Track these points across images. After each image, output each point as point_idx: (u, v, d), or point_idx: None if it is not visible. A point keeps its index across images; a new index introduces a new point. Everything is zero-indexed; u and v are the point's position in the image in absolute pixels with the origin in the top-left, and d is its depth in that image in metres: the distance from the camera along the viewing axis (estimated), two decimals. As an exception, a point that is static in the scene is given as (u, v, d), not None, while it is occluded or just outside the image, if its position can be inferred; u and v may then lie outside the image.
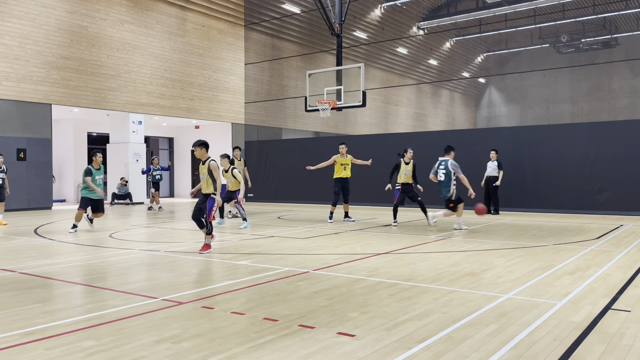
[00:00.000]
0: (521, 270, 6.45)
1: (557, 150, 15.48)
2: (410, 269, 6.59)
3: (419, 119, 38.83)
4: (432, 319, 4.33)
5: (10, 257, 7.69)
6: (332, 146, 19.68)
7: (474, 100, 46.40)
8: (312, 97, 17.45)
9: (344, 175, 12.78)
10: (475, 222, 12.80)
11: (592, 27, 35.18)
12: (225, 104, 24.24)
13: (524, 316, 4.39)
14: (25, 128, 17.46)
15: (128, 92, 20.27)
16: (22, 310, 4.69)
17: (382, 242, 9.13)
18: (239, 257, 7.58)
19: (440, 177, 11.07)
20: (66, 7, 18.30)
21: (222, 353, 3.56)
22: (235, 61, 24.61)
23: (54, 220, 13.94)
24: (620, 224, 11.98)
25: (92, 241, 9.49)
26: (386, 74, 34.64)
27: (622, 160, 14.54)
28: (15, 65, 16.98)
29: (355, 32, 29.44)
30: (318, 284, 5.73)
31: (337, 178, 12.80)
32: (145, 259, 7.49)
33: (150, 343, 3.78)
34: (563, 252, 7.84)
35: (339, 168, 12.80)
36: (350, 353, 3.54)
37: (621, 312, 4.54)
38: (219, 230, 11.01)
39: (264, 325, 4.18)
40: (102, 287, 5.64)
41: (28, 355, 3.54)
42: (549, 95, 40.80)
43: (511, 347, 3.64)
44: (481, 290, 5.35)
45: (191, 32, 22.55)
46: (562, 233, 10.31)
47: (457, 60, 39.40)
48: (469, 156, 16.48)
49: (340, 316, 4.42)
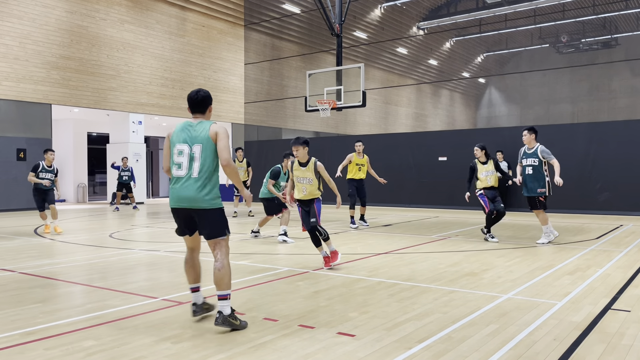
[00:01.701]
0: (521, 270, 6.44)
1: (557, 150, 15.37)
2: (410, 269, 6.59)
3: (419, 119, 38.83)
4: (432, 319, 4.33)
5: (10, 257, 7.68)
6: (332, 146, 19.73)
7: (474, 100, 46.40)
8: (312, 97, 17.45)
9: (357, 176, 11.59)
10: (475, 222, 12.80)
11: (592, 27, 35.19)
12: (225, 104, 24.24)
13: (524, 316, 4.39)
14: (25, 128, 17.46)
15: (128, 92, 20.27)
16: (22, 310, 4.69)
17: (382, 242, 9.13)
18: (239, 257, 7.58)
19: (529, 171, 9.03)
20: (66, 7, 18.30)
21: (222, 353, 3.56)
22: (235, 61, 24.62)
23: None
24: (620, 224, 11.97)
25: (92, 241, 9.49)
26: (386, 74, 34.65)
27: (622, 160, 14.54)
28: (15, 65, 16.98)
29: (355, 32, 29.44)
30: (318, 284, 5.73)
31: (351, 179, 11.62)
32: (145, 259, 7.49)
33: (150, 343, 3.78)
34: (563, 252, 7.83)
35: (353, 168, 11.62)
36: (350, 353, 3.54)
37: (621, 312, 4.54)
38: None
39: (264, 325, 4.18)
40: (102, 287, 5.63)
41: (28, 355, 3.54)
42: (549, 95, 40.78)
43: (511, 347, 3.64)
44: (481, 290, 5.35)
45: (191, 32, 22.55)
46: (562, 233, 10.30)
47: (457, 60, 39.40)
48: (469, 156, 16.49)
49: (340, 316, 4.42)
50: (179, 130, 4.16)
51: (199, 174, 4.05)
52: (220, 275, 4.05)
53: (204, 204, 4.05)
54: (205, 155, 4.07)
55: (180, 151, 4.10)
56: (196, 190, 4.03)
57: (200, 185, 4.04)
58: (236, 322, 4.03)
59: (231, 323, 3.99)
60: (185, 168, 4.08)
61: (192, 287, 4.36)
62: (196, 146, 4.07)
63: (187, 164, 4.08)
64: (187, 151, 4.09)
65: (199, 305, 4.30)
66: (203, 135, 4.07)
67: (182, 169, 4.08)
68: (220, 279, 4.05)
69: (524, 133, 9.12)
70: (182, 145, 4.10)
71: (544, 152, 8.83)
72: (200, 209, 4.07)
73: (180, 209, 4.14)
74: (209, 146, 4.07)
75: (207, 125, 4.12)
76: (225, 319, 3.98)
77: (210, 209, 4.08)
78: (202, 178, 4.05)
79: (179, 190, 4.09)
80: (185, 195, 4.06)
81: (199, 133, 4.09)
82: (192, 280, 4.35)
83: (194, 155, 4.07)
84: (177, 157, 4.11)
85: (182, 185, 4.08)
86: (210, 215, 4.09)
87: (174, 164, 4.13)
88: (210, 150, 4.08)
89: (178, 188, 4.09)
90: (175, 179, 4.13)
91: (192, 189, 4.04)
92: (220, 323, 3.98)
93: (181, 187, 4.07)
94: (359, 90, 16.41)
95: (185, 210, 4.11)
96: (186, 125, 4.17)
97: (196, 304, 4.29)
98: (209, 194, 4.06)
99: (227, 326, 4.00)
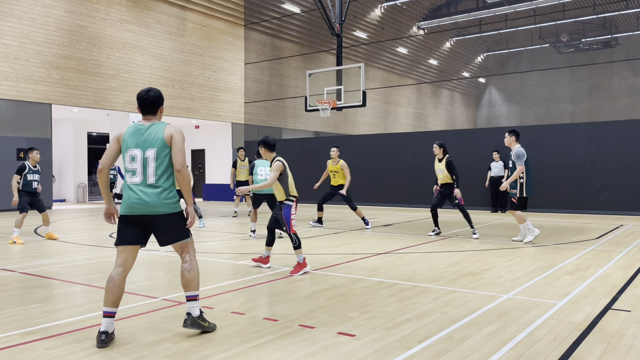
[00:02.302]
0: (521, 270, 6.45)
1: (557, 150, 15.48)
2: (410, 269, 6.59)
3: (419, 119, 38.83)
4: (432, 319, 4.33)
5: (10, 257, 7.69)
6: (331, 146, 19.68)
7: (474, 100, 46.40)
8: (312, 97, 17.44)
9: (332, 182, 11.39)
10: (475, 222, 12.80)
11: (592, 27, 35.18)
12: (225, 104, 24.24)
13: (524, 316, 4.39)
14: (25, 128, 17.45)
15: (128, 91, 20.26)
16: (22, 310, 4.69)
17: (382, 242, 9.13)
18: (239, 257, 7.58)
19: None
20: (66, 7, 18.30)
21: (222, 353, 3.56)
22: (235, 61, 24.61)
23: (54, 220, 13.94)
24: (620, 224, 11.97)
25: (92, 241, 9.49)
26: (386, 73, 34.65)
27: (622, 160, 14.54)
28: (15, 65, 16.98)
29: (355, 32, 29.43)
30: (318, 284, 5.73)
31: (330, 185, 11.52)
32: (145, 259, 7.49)
33: (150, 343, 3.78)
34: (563, 252, 7.84)
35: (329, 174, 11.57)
36: (350, 353, 3.54)
37: (621, 312, 4.54)
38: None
39: (264, 325, 4.18)
40: (102, 287, 5.63)
41: (28, 355, 3.54)
42: (549, 95, 40.80)
43: (511, 347, 3.64)
44: (481, 290, 5.35)
45: (191, 32, 22.55)
46: (562, 233, 10.30)
47: (457, 60, 39.39)
48: (469, 156, 16.49)
49: (340, 316, 4.42)
50: (130, 135, 3.95)
51: (156, 180, 3.89)
52: (191, 277, 3.99)
53: (164, 208, 3.90)
54: (160, 159, 3.90)
55: (132, 157, 3.90)
56: (154, 195, 3.87)
57: (158, 191, 3.89)
58: (205, 323, 3.97)
59: (200, 325, 3.94)
60: (140, 174, 3.89)
61: (109, 311, 3.84)
62: (149, 150, 3.89)
63: (141, 170, 3.89)
64: (140, 156, 3.90)
65: (108, 335, 3.79)
66: (157, 138, 3.90)
67: (137, 176, 3.90)
68: (191, 280, 3.99)
69: (505, 135, 9.23)
70: (134, 150, 3.91)
71: (515, 154, 8.93)
72: (162, 214, 3.90)
73: (135, 216, 3.91)
74: (163, 149, 3.91)
75: (161, 127, 3.94)
76: (194, 320, 3.92)
77: (172, 213, 3.94)
78: (159, 182, 3.90)
79: (135, 197, 3.88)
80: (143, 201, 3.86)
81: (152, 136, 3.91)
82: (111, 303, 3.84)
83: (148, 161, 3.89)
84: (130, 163, 3.91)
85: (138, 192, 3.88)
86: (172, 220, 3.96)
87: (128, 170, 3.93)
88: (165, 154, 3.92)
89: (134, 195, 3.88)
90: (130, 186, 3.91)
91: (149, 195, 3.87)
92: (189, 325, 3.92)
93: (137, 194, 3.88)
94: (359, 90, 16.41)
95: (142, 217, 3.91)
96: (137, 128, 3.96)
97: (106, 333, 3.77)
98: (167, 199, 3.91)
99: (197, 328, 3.94)
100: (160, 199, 3.89)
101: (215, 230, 11.31)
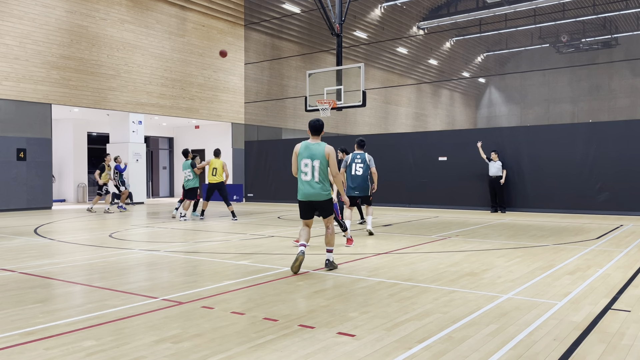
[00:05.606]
0: (521, 270, 6.45)
1: (557, 150, 15.48)
2: (410, 269, 6.59)
3: (419, 119, 38.83)
4: (432, 319, 4.33)
5: (10, 257, 7.68)
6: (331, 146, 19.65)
7: (474, 100, 46.39)
8: (312, 97, 17.44)
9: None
10: (475, 222, 12.80)
11: (592, 27, 35.17)
12: (225, 104, 24.24)
13: (524, 316, 4.39)
14: (25, 128, 17.46)
15: (128, 92, 20.27)
16: (22, 310, 4.69)
17: (382, 242, 9.13)
18: (239, 257, 7.58)
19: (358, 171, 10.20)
20: (66, 7, 18.30)
21: (222, 353, 3.56)
22: (235, 61, 24.62)
23: (54, 220, 13.94)
24: (620, 224, 11.97)
25: (92, 241, 9.49)
26: (386, 73, 34.64)
27: (622, 160, 14.54)
28: (15, 65, 16.98)
29: (355, 32, 29.43)
30: (318, 284, 5.73)
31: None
32: (145, 259, 7.49)
33: (150, 343, 3.77)
34: (563, 252, 7.83)
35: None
36: (350, 353, 3.54)
37: (621, 312, 4.54)
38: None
39: (264, 325, 4.18)
40: (102, 287, 5.63)
41: (28, 355, 3.54)
42: (549, 95, 40.78)
43: (511, 347, 3.64)
44: (481, 290, 5.35)
45: (191, 32, 22.55)
46: (562, 233, 10.30)
47: (457, 60, 39.38)
48: (469, 156, 16.50)
49: (340, 316, 4.42)
50: (303, 149, 6.32)
51: (318, 179, 6.26)
52: (331, 238, 6.49)
53: (322, 197, 6.31)
54: (322, 167, 6.24)
55: (305, 164, 6.28)
56: (318, 188, 6.27)
57: (320, 186, 6.26)
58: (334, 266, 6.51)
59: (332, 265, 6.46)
60: (310, 175, 6.27)
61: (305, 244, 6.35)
62: (315, 161, 6.24)
63: (311, 172, 6.26)
64: (310, 164, 6.26)
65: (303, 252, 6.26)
66: (320, 153, 6.24)
67: (308, 175, 6.28)
68: (332, 239, 6.49)
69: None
70: (306, 159, 6.28)
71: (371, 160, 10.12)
72: (321, 200, 6.32)
73: (306, 201, 6.36)
74: (323, 161, 6.25)
75: (322, 146, 6.29)
76: (329, 262, 6.44)
77: (326, 200, 6.34)
78: (320, 180, 6.25)
79: (307, 189, 6.30)
80: (311, 192, 6.29)
81: (317, 152, 6.25)
82: (306, 239, 6.38)
83: (315, 167, 6.24)
84: (304, 167, 6.28)
85: (308, 186, 6.27)
86: (326, 203, 6.37)
87: (302, 172, 6.30)
88: (325, 163, 6.25)
89: (306, 187, 6.30)
90: (303, 182, 6.31)
91: (315, 188, 6.26)
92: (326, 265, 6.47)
93: (307, 187, 6.28)
94: (359, 90, 16.40)
95: (311, 202, 6.35)
96: (307, 145, 6.32)
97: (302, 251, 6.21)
98: (324, 190, 6.29)
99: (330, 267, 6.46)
100: (320, 191, 6.27)
101: (216, 230, 11.32)
